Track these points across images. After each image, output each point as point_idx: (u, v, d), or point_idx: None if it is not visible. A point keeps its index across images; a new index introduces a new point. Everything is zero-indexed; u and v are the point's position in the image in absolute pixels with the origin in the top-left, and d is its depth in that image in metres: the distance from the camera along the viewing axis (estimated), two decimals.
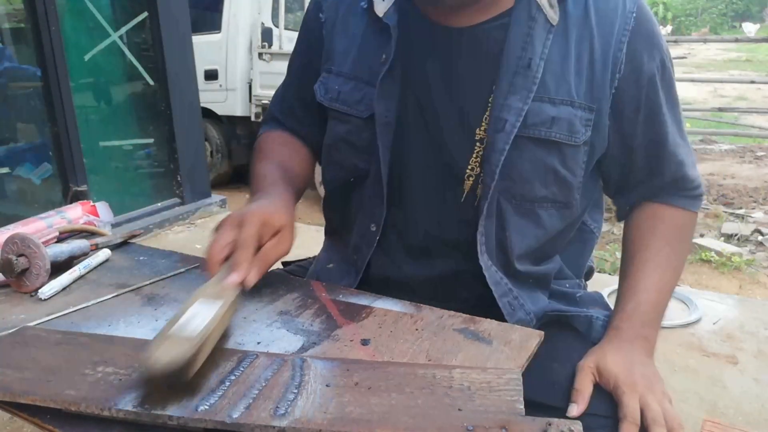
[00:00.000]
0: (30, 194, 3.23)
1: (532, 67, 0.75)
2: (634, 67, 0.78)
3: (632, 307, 0.79)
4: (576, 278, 0.94)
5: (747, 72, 12.38)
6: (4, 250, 0.81)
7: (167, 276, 0.85)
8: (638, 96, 0.79)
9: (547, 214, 0.81)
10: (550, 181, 0.79)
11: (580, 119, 0.77)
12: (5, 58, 3.03)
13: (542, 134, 0.77)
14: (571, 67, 0.77)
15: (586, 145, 0.79)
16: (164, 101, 3.66)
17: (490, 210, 0.79)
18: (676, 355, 2.12)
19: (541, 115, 0.76)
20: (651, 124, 0.81)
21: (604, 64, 0.77)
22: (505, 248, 0.81)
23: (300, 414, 0.51)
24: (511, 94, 0.76)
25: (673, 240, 0.85)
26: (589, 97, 0.78)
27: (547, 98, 0.76)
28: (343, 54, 0.87)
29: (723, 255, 3.52)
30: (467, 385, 0.55)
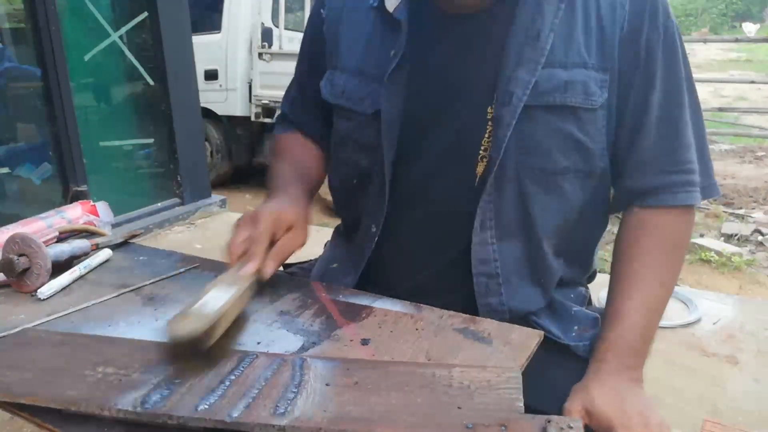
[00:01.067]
0: (30, 194, 3.23)
1: (541, 38, 0.73)
2: (634, 27, 0.75)
3: (615, 335, 0.74)
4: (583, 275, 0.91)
5: (747, 72, 12.38)
6: (5, 249, 0.81)
7: (167, 276, 0.85)
8: (636, 56, 0.76)
9: (570, 185, 0.78)
10: (569, 148, 0.76)
11: (595, 80, 0.75)
12: (5, 58, 3.03)
13: (557, 100, 0.74)
14: (579, 30, 0.75)
15: (603, 108, 0.76)
16: (164, 101, 3.66)
17: (501, 185, 0.76)
18: (676, 355, 2.12)
19: (552, 80, 0.74)
20: (641, 91, 0.77)
21: (612, 23, 0.75)
22: (530, 226, 0.78)
23: (300, 413, 0.51)
24: (519, 66, 0.74)
25: (661, 251, 0.77)
26: (602, 57, 0.75)
27: (558, 63, 0.74)
28: (349, 50, 0.86)
29: (723, 255, 3.52)
30: (467, 383, 0.55)
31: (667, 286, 0.77)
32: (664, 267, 0.77)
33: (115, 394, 0.54)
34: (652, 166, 0.78)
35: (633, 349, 0.73)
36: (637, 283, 0.76)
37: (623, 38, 0.75)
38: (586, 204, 0.81)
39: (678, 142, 0.77)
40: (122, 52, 3.48)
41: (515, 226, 0.78)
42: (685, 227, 0.80)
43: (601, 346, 0.74)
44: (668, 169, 0.77)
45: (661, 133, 0.77)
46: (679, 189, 0.77)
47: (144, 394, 0.54)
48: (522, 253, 0.79)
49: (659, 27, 0.76)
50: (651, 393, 0.73)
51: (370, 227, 0.85)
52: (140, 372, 0.57)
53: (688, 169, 0.78)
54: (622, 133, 0.78)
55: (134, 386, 0.55)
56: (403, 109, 0.80)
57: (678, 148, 0.77)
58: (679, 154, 0.77)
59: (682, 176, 0.77)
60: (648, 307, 0.75)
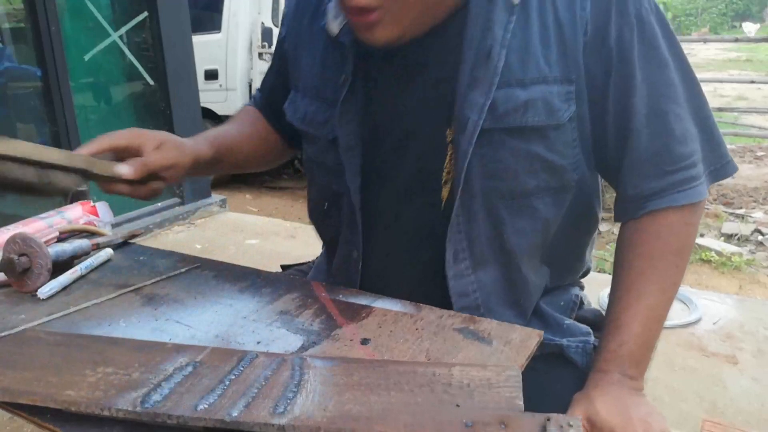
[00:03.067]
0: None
1: (492, 56, 0.68)
2: (599, 29, 0.69)
3: (616, 346, 0.71)
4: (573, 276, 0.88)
5: (747, 72, 12.39)
6: (5, 249, 0.81)
7: (167, 276, 0.85)
8: (607, 60, 0.70)
9: (543, 204, 0.74)
10: (537, 169, 0.71)
11: (559, 95, 0.69)
12: (5, 58, 3.04)
13: (517, 122, 0.69)
14: (536, 40, 0.69)
15: (572, 120, 0.71)
16: (164, 101, 3.66)
17: (469, 213, 0.73)
18: (676, 355, 2.12)
19: (510, 102, 0.69)
20: (620, 94, 0.71)
21: (573, 29, 0.69)
22: (505, 251, 0.75)
23: (299, 412, 0.51)
24: (473, 89, 0.69)
25: (663, 256, 0.73)
26: (564, 67, 0.69)
27: (514, 81, 0.69)
28: (308, 71, 0.84)
29: (723, 255, 3.52)
30: (466, 382, 0.55)
31: (669, 293, 0.74)
32: (666, 273, 0.73)
33: (115, 393, 0.54)
34: (648, 170, 0.73)
35: (634, 359, 0.71)
36: (637, 291, 0.73)
37: (588, 43, 0.69)
38: (566, 216, 0.77)
39: (672, 137, 0.72)
40: (122, 52, 3.48)
41: (490, 253, 0.75)
42: (688, 229, 0.75)
43: (602, 357, 0.72)
44: (666, 169, 0.72)
45: (651, 133, 0.72)
46: (680, 188, 0.72)
47: (144, 393, 0.54)
48: (500, 277, 0.77)
49: (631, 18, 0.69)
50: (651, 393, 0.72)
51: (352, 253, 0.83)
52: (140, 372, 0.57)
53: (687, 164, 0.72)
54: (610, 142, 0.74)
55: (134, 386, 0.55)
56: (361, 134, 0.78)
57: (673, 144, 0.72)
58: (675, 152, 0.72)
59: (681, 174, 0.72)
60: (649, 315, 0.72)
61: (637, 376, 0.71)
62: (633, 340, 0.71)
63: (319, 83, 0.82)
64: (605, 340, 0.73)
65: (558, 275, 0.84)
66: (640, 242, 0.75)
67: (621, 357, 0.71)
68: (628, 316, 0.72)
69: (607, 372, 0.71)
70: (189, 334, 0.69)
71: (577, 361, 0.77)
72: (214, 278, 0.84)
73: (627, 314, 0.72)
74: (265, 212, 4.58)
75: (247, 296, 0.78)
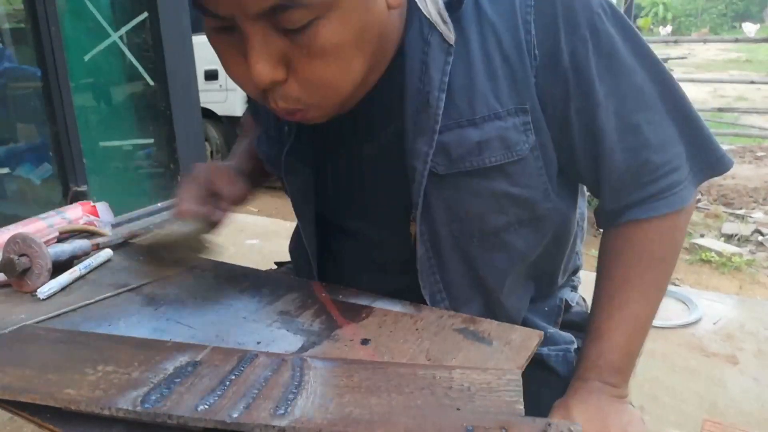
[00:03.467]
0: (30, 194, 3.23)
1: (431, 103, 0.64)
2: (549, 50, 0.64)
3: (596, 355, 0.70)
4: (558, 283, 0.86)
5: (747, 72, 12.38)
6: (5, 249, 0.81)
7: (167, 276, 0.85)
8: (564, 82, 0.65)
9: (518, 236, 0.72)
10: (506, 206, 0.69)
11: (515, 127, 0.65)
12: (5, 58, 3.04)
13: (474, 164, 0.66)
14: (481, 76, 0.65)
15: (534, 150, 0.67)
16: (164, 101, 3.66)
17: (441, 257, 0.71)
18: (676, 355, 2.12)
19: (464, 144, 0.65)
20: (584, 115, 0.67)
21: (519, 55, 0.64)
22: (483, 287, 0.74)
23: (300, 414, 0.51)
24: (418, 137, 0.66)
25: (646, 264, 0.71)
26: (516, 98, 0.65)
27: (466, 122, 0.65)
28: (266, 112, 0.80)
29: (723, 255, 3.52)
30: (467, 385, 0.55)
31: (654, 300, 0.72)
32: (649, 280, 0.71)
33: (115, 393, 0.54)
34: (626, 184, 0.70)
35: (615, 368, 0.69)
36: (619, 299, 0.71)
37: (539, 68, 0.65)
38: (544, 242, 0.76)
39: (648, 148, 0.68)
40: (122, 52, 3.48)
41: (468, 290, 0.74)
42: (673, 234, 0.71)
43: (583, 365, 0.71)
44: (644, 180, 0.69)
45: (626, 148, 0.68)
46: (661, 196, 0.69)
47: (144, 393, 0.54)
48: (482, 311, 0.75)
49: (582, 31, 0.64)
50: (651, 393, 0.72)
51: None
52: (140, 371, 0.57)
53: (668, 170, 0.69)
54: (581, 165, 0.71)
55: (134, 385, 0.55)
56: (316, 179, 0.77)
57: (650, 155, 0.68)
58: (652, 162, 0.68)
59: (662, 182, 0.69)
60: (631, 324, 0.70)
61: (619, 383, 0.69)
62: (614, 349, 0.70)
63: (273, 125, 0.80)
64: (586, 348, 0.72)
65: (545, 286, 0.84)
66: (622, 250, 0.72)
67: (601, 366, 0.69)
68: (610, 325, 0.70)
69: (587, 380, 0.70)
70: (189, 334, 0.69)
71: (558, 370, 0.76)
72: (214, 278, 0.84)
73: (609, 323, 0.71)
74: (265, 212, 4.58)
75: (247, 296, 0.78)
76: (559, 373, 0.76)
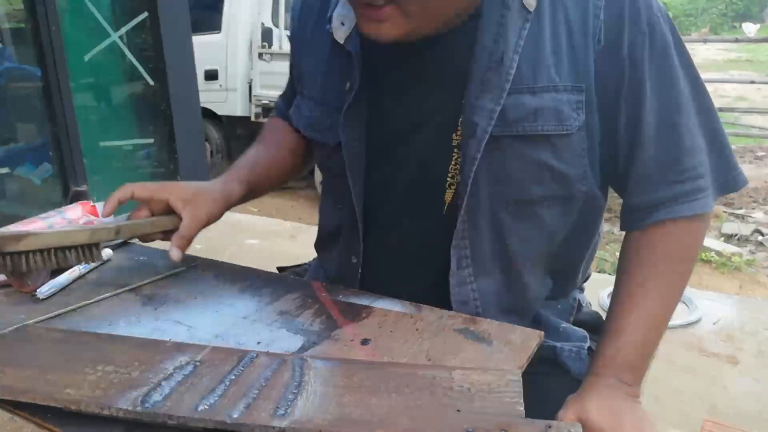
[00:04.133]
0: (30, 194, 3.22)
1: (505, 62, 0.68)
2: (612, 38, 0.69)
3: (613, 352, 0.71)
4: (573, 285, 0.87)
5: (747, 72, 12.37)
6: None
7: (167, 276, 0.85)
8: (620, 69, 0.70)
9: (549, 212, 0.74)
10: (545, 178, 0.72)
11: (569, 103, 0.69)
12: (5, 58, 3.04)
13: (527, 130, 0.69)
14: (547, 48, 0.69)
15: (581, 130, 0.71)
16: (164, 101, 3.65)
17: (474, 219, 0.73)
18: (676, 355, 2.12)
19: (521, 109, 0.69)
20: (631, 104, 0.71)
21: (584, 37, 0.69)
22: (507, 259, 0.75)
23: (300, 414, 0.51)
24: (484, 93, 0.69)
25: (666, 266, 0.73)
26: (574, 77, 0.69)
27: (526, 88, 0.69)
28: (311, 77, 0.84)
29: (723, 255, 3.52)
30: (467, 386, 0.55)
31: (671, 302, 0.74)
32: (669, 282, 0.73)
33: (115, 392, 0.54)
34: (655, 180, 0.73)
35: (631, 366, 0.70)
36: (639, 298, 0.72)
37: (601, 52, 0.69)
38: (572, 228, 0.78)
39: (680, 149, 0.72)
40: (122, 52, 3.48)
41: (492, 261, 0.76)
42: (693, 239, 0.75)
43: (599, 361, 0.72)
44: (673, 180, 0.72)
45: (660, 144, 0.72)
46: (687, 199, 0.72)
47: (144, 393, 0.54)
48: (500, 286, 0.77)
49: (643, 28, 0.69)
50: (651, 393, 0.72)
51: (351, 258, 0.83)
52: (140, 370, 0.57)
53: (694, 175, 0.72)
54: (620, 151, 0.74)
55: (134, 385, 0.55)
56: (366, 141, 0.78)
57: (681, 155, 0.72)
58: (683, 162, 0.72)
59: (688, 184, 0.72)
60: (648, 323, 0.72)
61: (633, 382, 0.70)
62: (631, 346, 0.71)
63: (322, 89, 0.82)
64: (603, 345, 0.73)
65: (562, 284, 0.84)
66: (645, 251, 0.74)
67: (617, 363, 0.70)
68: (627, 323, 0.72)
69: (602, 376, 0.70)
70: (189, 334, 0.69)
71: (569, 366, 0.76)
72: (214, 278, 0.84)
73: (627, 320, 0.72)
74: (265, 212, 4.58)
75: (247, 296, 0.78)
76: (569, 368, 0.77)
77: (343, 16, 0.76)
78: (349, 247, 0.83)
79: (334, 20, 0.77)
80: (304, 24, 0.86)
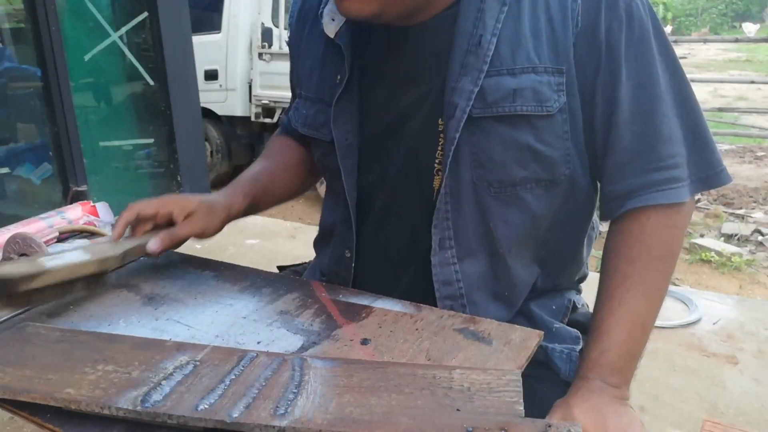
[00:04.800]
0: (30, 194, 3.23)
1: (482, 45, 0.70)
2: (590, 21, 0.69)
3: (596, 354, 0.70)
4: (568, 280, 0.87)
5: (747, 72, 12.38)
6: (5, 249, 0.81)
7: (167, 276, 0.85)
8: (597, 54, 0.70)
9: (532, 195, 0.74)
10: (527, 159, 0.72)
11: (548, 85, 0.70)
12: (5, 58, 3.04)
13: (506, 110, 0.70)
14: (527, 30, 0.70)
15: (563, 112, 0.71)
16: (164, 101, 3.66)
17: (457, 201, 0.74)
18: (676, 355, 2.12)
19: (500, 90, 0.70)
20: (607, 88, 0.71)
21: (563, 19, 0.70)
22: (491, 241, 0.76)
23: (300, 414, 0.51)
24: (463, 76, 0.70)
25: (645, 261, 0.71)
26: (555, 59, 0.70)
27: (505, 70, 0.70)
28: (307, 77, 0.86)
29: (723, 255, 3.52)
30: (467, 386, 0.55)
31: (654, 300, 0.72)
32: (649, 279, 0.71)
33: (115, 392, 0.54)
34: (630, 167, 0.72)
35: (615, 368, 0.69)
36: (619, 297, 0.71)
37: (579, 35, 0.70)
38: (558, 213, 0.77)
39: (656, 137, 0.71)
40: (122, 52, 3.48)
41: (476, 243, 0.76)
42: (671, 232, 0.72)
43: (585, 364, 0.71)
44: (648, 168, 0.71)
45: (636, 130, 0.71)
46: (661, 187, 0.71)
47: (144, 392, 0.54)
48: (485, 269, 0.77)
49: (620, 12, 0.69)
50: (651, 393, 0.72)
51: (345, 252, 0.84)
52: (140, 370, 0.57)
53: (670, 164, 0.71)
54: (596, 136, 0.74)
55: (134, 384, 0.55)
56: (359, 132, 0.80)
57: (657, 144, 0.71)
58: (659, 151, 0.71)
59: (663, 173, 0.71)
60: (630, 324, 0.70)
61: (620, 384, 0.69)
62: (615, 348, 0.69)
63: (318, 86, 0.84)
64: (588, 347, 0.72)
65: (552, 276, 0.84)
66: (622, 246, 0.73)
67: (602, 365, 0.69)
68: (610, 323, 0.70)
69: (588, 379, 0.69)
70: (189, 334, 0.69)
71: (559, 368, 0.76)
72: (214, 278, 0.84)
73: (609, 321, 0.71)
74: (265, 212, 4.58)
75: (247, 296, 0.78)
76: (559, 370, 0.76)
77: (333, 12, 0.78)
78: (342, 241, 0.85)
79: (325, 16, 0.80)
80: (301, 29, 0.88)
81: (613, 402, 0.68)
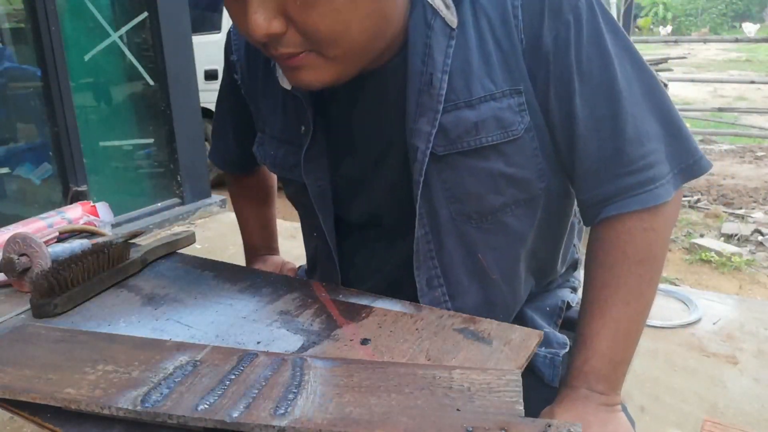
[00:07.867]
0: (30, 194, 3.23)
1: (434, 84, 0.67)
2: (533, 35, 0.67)
3: (580, 362, 0.68)
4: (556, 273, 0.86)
5: (747, 72, 12.38)
6: (5, 249, 0.81)
7: (167, 276, 0.85)
8: (545, 65, 0.67)
9: (514, 217, 0.73)
10: (501, 186, 0.70)
11: (510, 108, 0.68)
12: (5, 58, 3.04)
13: (471, 144, 0.68)
14: (477, 59, 0.67)
15: (529, 131, 0.69)
16: (164, 101, 3.66)
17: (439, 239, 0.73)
18: (676, 355, 2.12)
19: (460, 125, 0.68)
20: (561, 98, 0.68)
21: (509, 38, 0.67)
22: (482, 272, 0.74)
23: (300, 414, 0.51)
24: (420, 116, 0.68)
25: (626, 266, 0.68)
26: (510, 80, 0.68)
27: (462, 103, 0.68)
28: (270, 115, 0.82)
29: (723, 255, 3.51)
30: (467, 385, 0.55)
31: (635, 306, 0.69)
32: (628, 285, 0.68)
33: (115, 392, 0.54)
34: (601, 175, 0.69)
35: (601, 375, 0.67)
36: (599, 305, 0.69)
37: (525, 51, 0.67)
38: (540, 224, 0.76)
39: (623, 139, 0.67)
40: (122, 52, 3.48)
41: (467, 277, 0.75)
42: (649, 235, 0.69)
43: (570, 372, 0.70)
44: (618, 173, 0.68)
45: (600, 136, 0.68)
46: (635, 192, 0.68)
47: (144, 392, 0.54)
48: (479, 301, 0.76)
49: (566, 18, 0.66)
50: (651, 393, 0.71)
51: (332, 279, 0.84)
52: (140, 370, 0.57)
53: (642, 165, 0.67)
54: (561, 149, 0.71)
55: (134, 384, 0.55)
56: (332, 178, 0.79)
57: (624, 146, 0.67)
58: (628, 153, 0.67)
59: (636, 176, 0.67)
60: (613, 331, 0.68)
61: (607, 390, 0.68)
62: (598, 356, 0.68)
63: (282, 128, 0.81)
64: (573, 355, 0.71)
65: (544, 278, 0.84)
66: (600, 252, 0.71)
67: (586, 373, 0.68)
68: (591, 331, 0.69)
69: (573, 387, 0.68)
70: (189, 334, 0.69)
71: (543, 372, 0.75)
72: (214, 278, 0.84)
73: (590, 329, 0.69)
74: None
75: (247, 296, 0.78)
76: (543, 374, 0.75)
77: None
78: (327, 277, 0.84)
79: (278, 68, 0.75)
80: (254, 73, 0.84)
81: (598, 410, 0.67)
